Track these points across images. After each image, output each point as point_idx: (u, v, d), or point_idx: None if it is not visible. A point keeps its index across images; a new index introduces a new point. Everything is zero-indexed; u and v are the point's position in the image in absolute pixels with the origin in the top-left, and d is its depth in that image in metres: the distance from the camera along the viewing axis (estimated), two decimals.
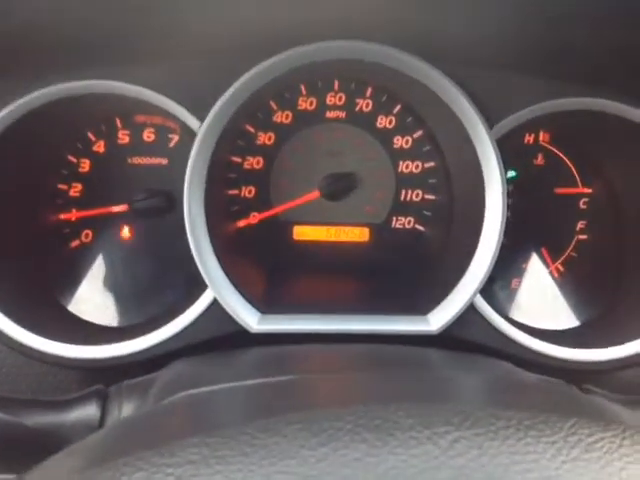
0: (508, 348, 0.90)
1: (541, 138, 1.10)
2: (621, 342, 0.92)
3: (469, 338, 0.90)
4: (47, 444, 0.66)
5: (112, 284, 1.05)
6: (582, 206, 1.12)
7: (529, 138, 1.10)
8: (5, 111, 0.87)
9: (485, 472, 0.40)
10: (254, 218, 1.11)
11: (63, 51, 0.84)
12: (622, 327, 0.97)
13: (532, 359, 0.90)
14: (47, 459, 0.50)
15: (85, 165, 1.06)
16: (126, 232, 1.07)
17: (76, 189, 1.06)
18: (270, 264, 1.08)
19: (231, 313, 0.87)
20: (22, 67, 0.87)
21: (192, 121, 0.87)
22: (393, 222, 1.13)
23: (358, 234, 1.13)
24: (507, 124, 0.90)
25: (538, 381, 0.69)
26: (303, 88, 1.06)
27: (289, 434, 0.43)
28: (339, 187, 1.09)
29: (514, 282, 1.12)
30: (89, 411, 0.69)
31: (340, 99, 1.07)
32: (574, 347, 0.91)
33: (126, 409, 0.70)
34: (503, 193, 0.89)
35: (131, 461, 0.43)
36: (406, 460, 0.41)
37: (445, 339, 0.89)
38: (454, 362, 0.77)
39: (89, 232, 1.07)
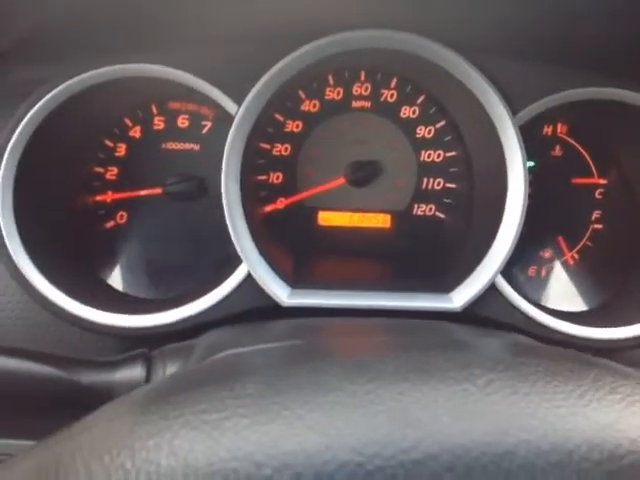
0: (527, 326, 0.94)
1: (559, 130, 1.14)
2: (632, 323, 0.96)
3: (490, 316, 0.94)
4: (97, 400, 0.70)
5: (146, 262, 1.10)
6: (598, 196, 1.16)
7: (547, 130, 1.14)
8: (48, 96, 0.91)
9: (518, 407, 0.44)
10: (281, 203, 1.15)
11: (105, 36, 0.90)
12: (633, 310, 1.01)
13: (549, 336, 0.94)
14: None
15: (121, 149, 1.10)
16: (159, 214, 1.12)
17: (112, 172, 1.11)
18: (296, 247, 1.13)
19: (264, 287, 0.91)
20: (63, 53, 0.92)
21: (229, 105, 0.92)
22: (415, 209, 1.17)
23: (381, 220, 1.17)
24: (530, 112, 0.94)
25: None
26: (331, 78, 1.10)
27: (338, 373, 0.48)
28: (363, 174, 1.13)
29: (531, 269, 1.16)
30: (135, 371, 0.74)
31: (366, 89, 1.11)
32: (589, 326, 0.95)
33: (169, 370, 0.75)
34: (525, 177, 0.93)
35: (192, 395, 0.47)
36: (447, 395, 0.45)
37: (467, 316, 0.93)
38: (477, 332, 0.81)
39: (124, 214, 1.12)
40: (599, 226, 1.16)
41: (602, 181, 1.16)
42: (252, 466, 0.39)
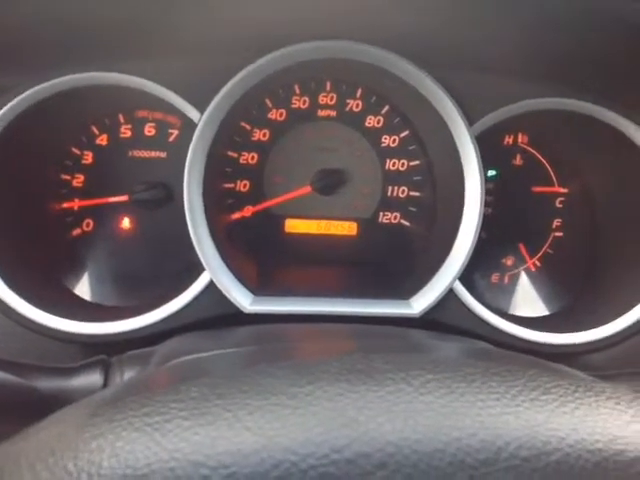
0: (484, 331, 0.96)
1: (520, 139, 1.17)
2: (589, 328, 0.98)
3: (448, 321, 0.96)
4: (54, 406, 0.71)
5: (112, 270, 1.10)
6: (558, 205, 1.19)
7: (508, 139, 1.17)
8: (14, 102, 0.92)
9: (452, 407, 0.46)
10: (248, 211, 1.16)
11: (71, 45, 0.89)
12: (590, 315, 1.03)
13: (507, 342, 0.96)
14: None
15: (88, 157, 1.11)
16: (126, 221, 1.13)
17: (79, 180, 1.11)
18: (263, 254, 1.14)
19: (226, 294, 0.93)
20: (30, 60, 0.92)
21: (193, 113, 0.93)
22: (380, 217, 1.19)
23: (347, 228, 1.18)
24: (486, 122, 0.96)
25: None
26: (297, 88, 1.12)
27: (280, 376, 0.49)
28: (329, 182, 1.14)
29: (494, 275, 1.19)
30: (93, 378, 0.74)
31: (332, 99, 1.13)
32: (547, 332, 0.98)
33: (127, 376, 0.75)
34: (482, 186, 0.95)
35: (138, 399, 0.48)
36: (383, 396, 0.46)
37: (427, 322, 0.95)
38: (432, 336, 0.83)
39: (90, 221, 1.12)
40: (559, 234, 1.19)
41: (562, 190, 1.18)
42: (189, 466, 0.40)
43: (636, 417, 0.47)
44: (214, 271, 0.93)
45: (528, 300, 1.16)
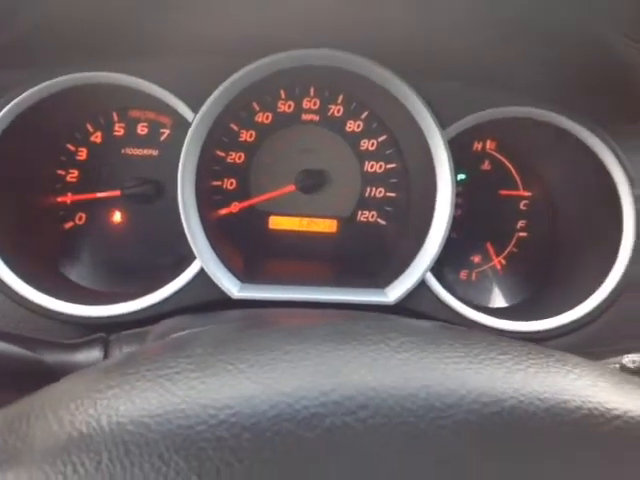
0: (453, 319, 1.04)
1: (488, 146, 1.25)
2: (551, 316, 1.07)
3: (421, 310, 1.04)
4: (61, 376, 0.76)
5: (105, 260, 1.16)
6: (522, 207, 1.28)
7: (477, 146, 1.25)
8: (13, 103, 0.97)
9: (423, 362, 0.53)
10: (235, 207, 1.23)
11: (69, 45, 0.95)
12: (552, 305, 1.12)
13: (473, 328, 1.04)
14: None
15: (82, 153, 1.16)
16: (117, 216, 1.19)
17: (73, 175, 1.17)
18: (249, 247, 1.21)
19: (215, 281, 0.99)
20: (27, 60, 0.97)
21: (187, 112, 1.00)
22: (358, 216, 1.26)
23: (327, 225, 1.26)
24: (458, 127, 1.05)
25: None
26: (283, 93, 1.19)
27: (276, 337, 0.56)
28: (312, 182, 1.22)
29: (463, 272, 1.27)
30: (94, 353, 0.80)
31: (315, 104, 1.21)
32: (511, 320, 1.06)
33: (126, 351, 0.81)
34: (452, 187, 1.03)
35: (148, 356, 0.54)
36: (364, 352, 0.54)
37: (400, 310, 1.03)
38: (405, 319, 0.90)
39: (82, 215, 1.18)
40: (523, 234, 1.28)
41: (526, 193, 1.27)
42: (199, 407, 0.47)
43: (581, 376, 0.55)
44: (205, 260, 0.99)
45: (494, 294, 1.25)
